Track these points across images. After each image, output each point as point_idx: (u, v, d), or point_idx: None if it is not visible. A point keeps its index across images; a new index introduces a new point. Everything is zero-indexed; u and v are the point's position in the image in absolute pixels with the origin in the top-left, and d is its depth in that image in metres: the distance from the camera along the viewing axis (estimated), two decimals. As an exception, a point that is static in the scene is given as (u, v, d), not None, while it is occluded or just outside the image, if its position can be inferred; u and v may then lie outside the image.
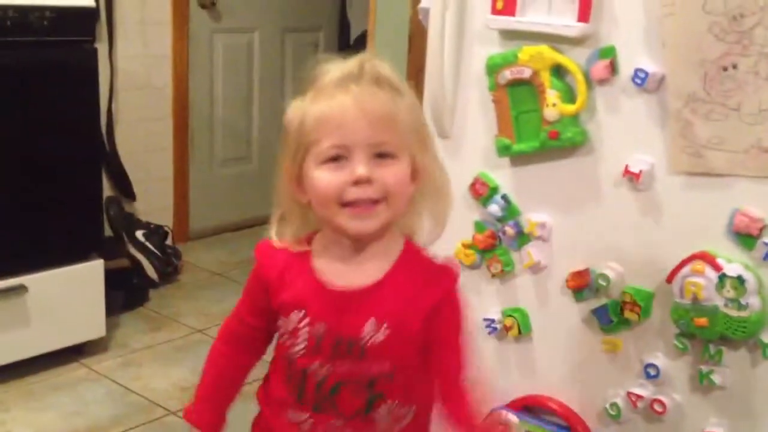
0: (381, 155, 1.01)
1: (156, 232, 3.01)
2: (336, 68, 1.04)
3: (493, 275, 1.51)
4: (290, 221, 1.10)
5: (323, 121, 1.02)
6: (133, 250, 2.87)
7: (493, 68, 1.44)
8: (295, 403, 1.10)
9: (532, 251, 1.46)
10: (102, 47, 2.82)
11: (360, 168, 1.00)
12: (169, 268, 3.00)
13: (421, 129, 1.09)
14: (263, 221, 1.13)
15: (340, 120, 1.01)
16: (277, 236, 1.11)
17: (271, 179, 1.10)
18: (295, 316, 1.08)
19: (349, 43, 3.90)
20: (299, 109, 1.05)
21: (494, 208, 1.47)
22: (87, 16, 2.31)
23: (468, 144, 1.53)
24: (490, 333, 1.52)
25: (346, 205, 1.01)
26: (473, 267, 1.53)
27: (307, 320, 1.07)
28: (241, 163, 3.70)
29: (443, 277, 1.09)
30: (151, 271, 2.88)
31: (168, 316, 2.72)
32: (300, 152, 1.04)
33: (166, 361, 2.43)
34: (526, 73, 1.40)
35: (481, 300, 1.54)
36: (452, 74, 1.53)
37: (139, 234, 2.93)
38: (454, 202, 1.52)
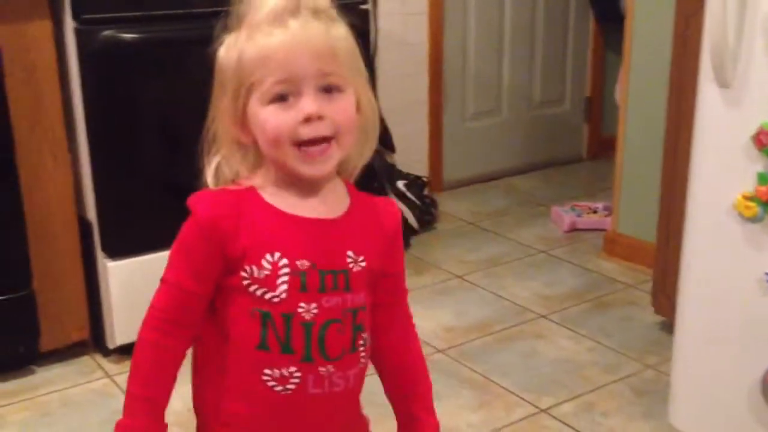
0: (328, 89, 0.97)
1: (415, 183, 3.18)
2: (269, 1, 0.97)
3: (778, 228, 1.47)
4: (230, 164, 1.03)
5: (265, 59, 0.95)
6: (395, 200, 3.06)
7: (783, 13, 1.38)
8: (276, 358, 1.00)
9: (825, 204, 1.40)
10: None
11: (309, 104, 0.95)
12: (428, 216, 3.16)
13: (360, 60, 1.02)
14: (512, 173, 1.13)
15: (283, 56, 0.95)
16: (215, 181, 1.02)
17: (521, 132, 1.10)
18: (269, 260, 0.99)
19: (602, -10, 3.80)
20: (234, 48, 0.98)
21: (781, 160, 1.43)
22: (359, -22, 2.44)
23: (751, 93, 1.48)
24: (772, 287, 1.48)
25: (298, 144, 0.97)
26: (755, 220, 1.50)
27: (285, 260, 0.99)
28: (491, 115, 3.77)
29: (391, 210, 1.11)
30: (412, 219, 3.05)
31: (428, 262, 2.88)
32: (242, 93, 0.98)
33: (431, 303, 2.58)
34: (822, 17, 1.33)
35: (762, 254, 1.50)
36: (735, 21, 1.48)
37: (400, 184, 3.11)
38: (734, 152, 1.50)
